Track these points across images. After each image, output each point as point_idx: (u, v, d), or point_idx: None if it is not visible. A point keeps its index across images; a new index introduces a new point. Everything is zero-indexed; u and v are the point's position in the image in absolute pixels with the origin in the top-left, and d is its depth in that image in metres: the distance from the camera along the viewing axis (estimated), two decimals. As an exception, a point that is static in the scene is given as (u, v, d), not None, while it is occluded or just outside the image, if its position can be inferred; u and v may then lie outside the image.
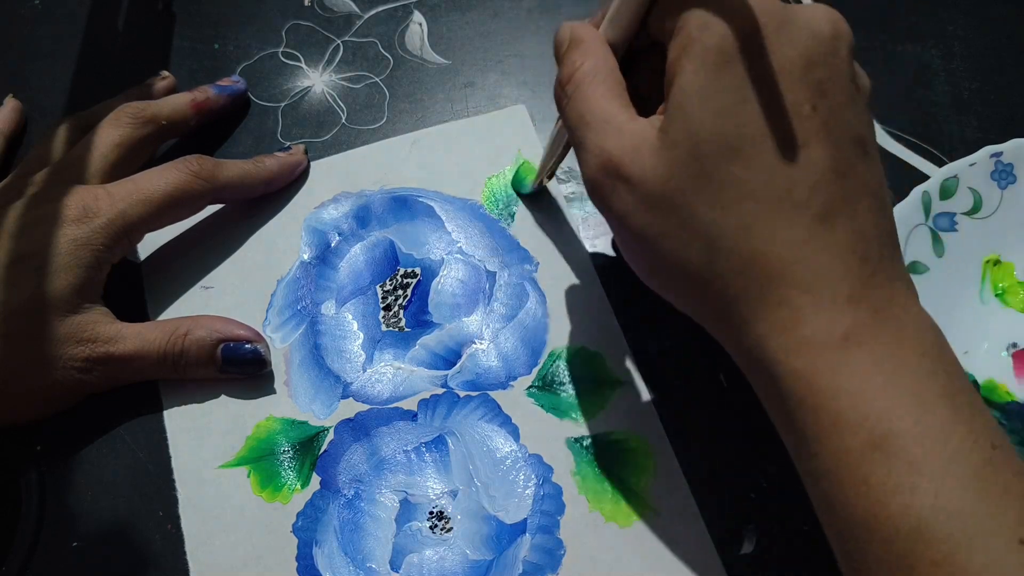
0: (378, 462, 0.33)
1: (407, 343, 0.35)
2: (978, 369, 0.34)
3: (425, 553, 0.31)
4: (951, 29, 0.43)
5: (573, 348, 0.35)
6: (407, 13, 0.45)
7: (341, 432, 0.33)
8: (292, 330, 0.35)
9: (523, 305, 0.36)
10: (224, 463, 0.33)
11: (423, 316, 0.36)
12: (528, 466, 0.33)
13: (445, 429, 0.33)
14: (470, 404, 0.34)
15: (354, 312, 0.36)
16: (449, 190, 0.39)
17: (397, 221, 0.38)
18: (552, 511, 0.32)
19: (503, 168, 0.39)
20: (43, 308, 0.31)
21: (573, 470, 0.32)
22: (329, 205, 0.38)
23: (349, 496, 0.32)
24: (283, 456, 0.33)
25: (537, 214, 0.38)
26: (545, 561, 0.31)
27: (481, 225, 0.38)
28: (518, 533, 0.31)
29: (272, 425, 0.33)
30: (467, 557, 0.31)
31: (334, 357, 0.35)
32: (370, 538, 0.31)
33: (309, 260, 0.37)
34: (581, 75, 0.27)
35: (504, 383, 0.34)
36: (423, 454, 0.33)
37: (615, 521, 0.31)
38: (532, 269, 0.37)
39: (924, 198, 0.35)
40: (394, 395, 0.34)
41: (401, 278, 0.37)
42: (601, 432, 0.33)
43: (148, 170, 0.34)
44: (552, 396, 0.34)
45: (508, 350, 0.35)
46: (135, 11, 0.45)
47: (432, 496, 0.32)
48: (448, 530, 0.31)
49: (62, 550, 0.31)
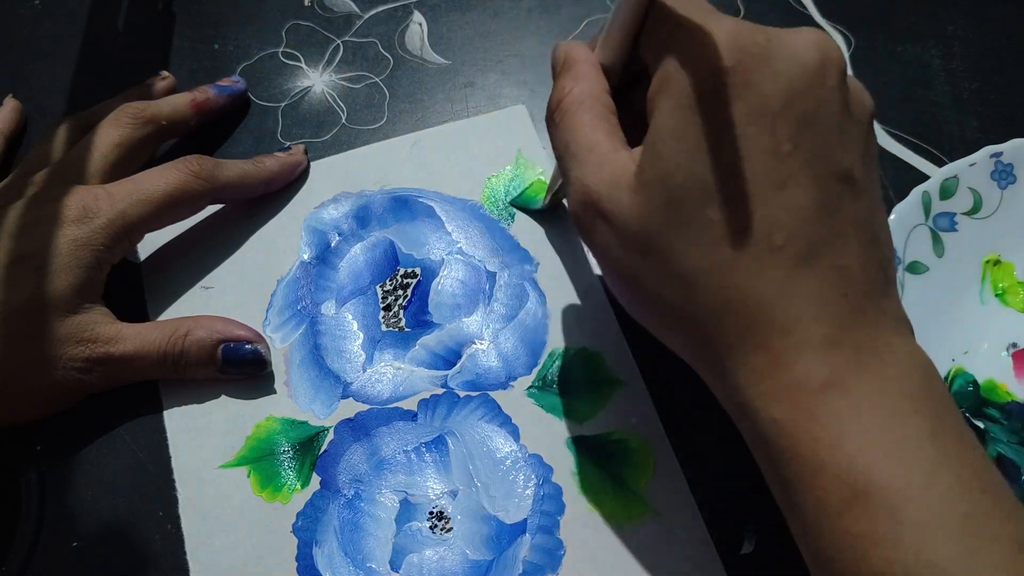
0: (378, 462, 0.33)
1: (407, 343, 0.35)
2: (978, 369, 0.34)
3: (425, 553, 0.31)
4: (951, 29, 0.43)
5: (573, 348, 0.35)
6: (407, 13, 0.45)
7: (341, 432, 0.33)
8: (292, 330, 0.35)
9: (523, 305, 0.36)
10: (224, 463, 0.33)
11: (423, 316, 0.36)
12: (528, 466, 0.33)
13: (445, 429, 0.33)
14: (470, 404, 0.34)
15: (354, 312, 0.36)
16: (449, 190, 0.39)
17: (397, 221, 0.38)
18: (552, 511, 0.32)
19: (503, 168, 0.39)
20: (43, 308, 0.31)
21: (573, 470, 0.32)
22: (329, 205, 0.38)
23: (349, 496, 0.32)
24: (283, 456, 0.33)
25: (537, 215, 0.38)
26: (545, 561, 0.31)
27: (481, 225, 0.38)
28: (518, 533, 0.31)
29: (272, 425, 0.33)
30: (467, 557, 0.31)
31: (334, 357, 0.35)
32: (370, 538, 0.31)
33: (309, 260, 0.37)
34: (569, 101, 0.27)
35: (504, 383, 0.34)
36: (423, 454, 0.33)
37: (615, 521, 0.31)
38: (532, 269, 0.37)
39: (924, 198, 0.35)
40: (394, 395, 0.34)
41: (401, 278, 0.37)
42: (601, 432, 0.33)
43: (148, 170, 0.34)
44: (552, 396, 0.34)
45: (508, 350, 0.35)
46: (135, 11, 0.45)
47: (432, 496, 0.32)
48: (448, 530, 0.31)
49: (62, 550, 0.31)
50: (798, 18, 0.44)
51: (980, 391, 0.34)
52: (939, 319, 0.34)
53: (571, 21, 0.44)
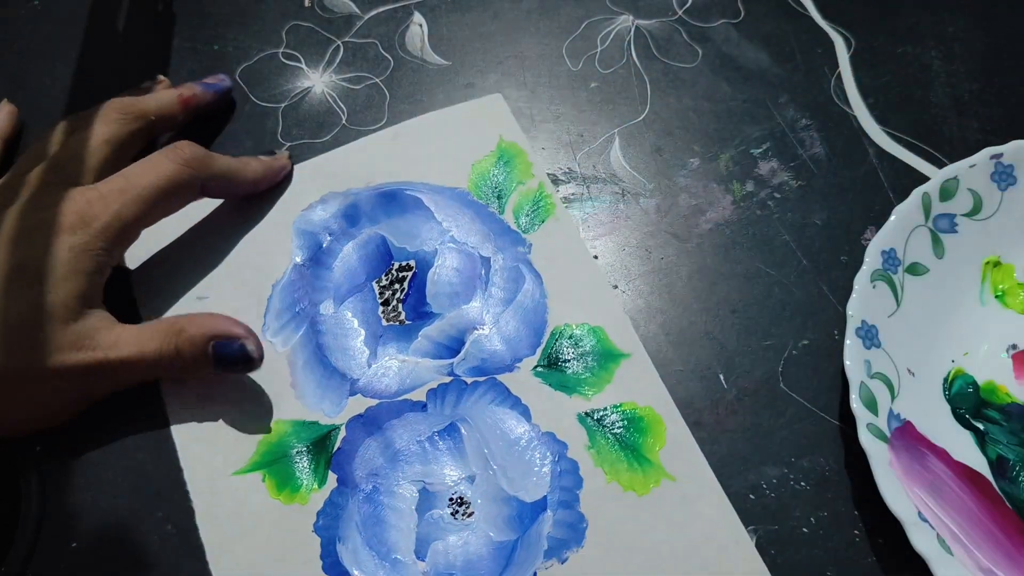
0: (393, 454, 0.33)
1: (409, 336, 0.35)
2: (978, 370, 0.34)
3: (449, 539, 0.31)
4: (951, 30, 0.43)
5: (575, 325, 0.35)
6: (407, 14, 0.45)
7: (353, 428, 0.33)
8: (292, 332, 0.35)
9: (520, 287, 0.36)
10: (238, 470, 0.33)
11: (422, 307, 0.36)
12: (543, 444, 0.33)
13: (456, 416, 0.33)
14: (479, 389, 0.34)
15: (353, 310, 0.36)
16: (435, 180, 0.39)
17: (387, 216, 0.38)
18: (571, 486, 0.32)
19: (486, 152, 0.39)
20: (44, 318, 0.30)
21: (587, 444, 0.33)
22: (317, 206, 0.38)
23: (367, 491, 0.32)
24: (297, 457, 0.33)
25: (526, 201, 0.38)
26: (569, 535, 0.31)
27: (471, 212, 0.38)
28: (539, 511, 0.32)
29: (282, 428, 0.33)
30: (491, 539, 0.31)
31: (338, 355, 0.35)
32: (393, 530, 0.31)
33: (302, 262, 0.37)
34: None
35: (510, 366, 0.34)
36: (437, 443, 0.33)
37: (633, 490, 0.32)
38: (525, 251, 0.37)
39: (924, 199, 0.35)
40: (402, 388, 0.34)
41: (396, 272, 0.37)
42: (611, 404, 0.33)
43: (138, 162, 0.34)
44: (559, 374, 0.34)
45: (511, 333, 0.35)
46: (135, 11, 0.45)
47: (450, 483, 0.32)
48: (469, 515, 0.32)
49: (62, 550, 0.31)
50: (798, 18, 0.44)
51: (980, 393, 0.34)
52: (939, 320, 0.34)
53: (570, 22, 0.44)
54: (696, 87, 0.42)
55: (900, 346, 0.33)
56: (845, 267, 0.37)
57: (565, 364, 0.34)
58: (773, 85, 0.42)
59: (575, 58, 0.43)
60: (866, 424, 0.30)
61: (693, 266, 0.37)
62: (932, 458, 0.31)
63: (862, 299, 0.32)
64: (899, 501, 0.29)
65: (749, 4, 0.45)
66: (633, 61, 0.43)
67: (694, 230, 0.38)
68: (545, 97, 0.42)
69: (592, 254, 0.37)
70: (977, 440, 0.33)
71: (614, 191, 0.39)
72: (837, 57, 0.43)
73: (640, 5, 0.45)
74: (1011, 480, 0.32)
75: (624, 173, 0.39)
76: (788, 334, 0.35)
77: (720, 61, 0.43)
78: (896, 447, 0.30)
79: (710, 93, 0.42)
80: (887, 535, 0.31)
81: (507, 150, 0.39)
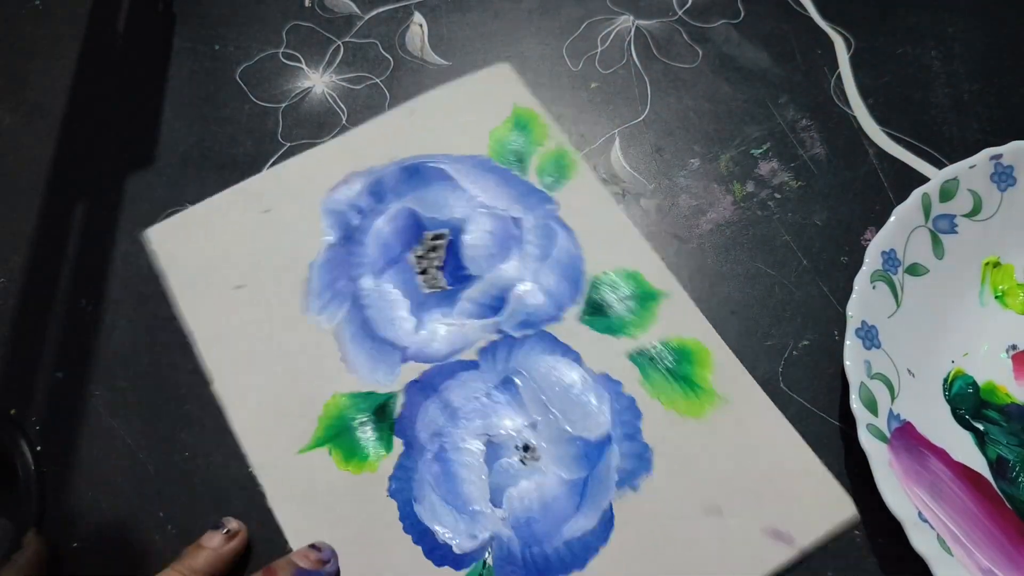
0: (452, 413, 0.33)
1: (452, 300, 0.36)
2: (978, 371, 0.34)
3: (522, 484, 0.32)
4: (951, 30, 0.43)
5: (611, 271, 0.36)
6: (407, 14, 0.45)
7: (411, 393, 0.34)
8: (336, 309, 0.36)
9: (554, 242, 0.37)
10: (302, 448, 0.33)
11: (461, 272, 0.37)
12: (598, 385, 0.34)
13: (510, 370, 0.34)
14: (528, 342, 0.35)
15: (394, 281, 0.37)
16: (455, 150, 0.40)
17: (412, 190, 0.39)
18: (631, 419, 0.33)
19: (502, 119, 0.40)
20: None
21: (640, 379, 0.34)
22: (342, 187, 0.39)
23: (435, 450, 0.33)
24: (360, 428, 0.33)
25: (547, 162, 0.39)
26: (637, 465, 0.32)
27: (496, 177, 0.39)
28: (605, 446, 0.32)
29: (340, 401, 0.34)
30: (562, 479, 0.32)
31: (385, 326, 0.36)
32: (466, 483, 0.32)
33: (336, 242, 0.38)
34: None
35: (556, 316, 0.35)
36: (495, 396, 0.34)
37: (690, 415, 0.33)
38: (554, 208, 0.38)
39: (924, 200, 0.35)
40: (452, 350, 0.35)
41: (430, 241, 0.37)
42: (657, 340, 0.35)
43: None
44: (604, 319, 0.35)
45: (551, 285, 0.36)
46: (135, 11, 0.45)
47: (513, 432, 0.33)
48: (537, 459, 0.32)
49: (62, 550, 0.31)
50: (798, 18, 0.44)
51: (980, 393, 0.34)
52: (939, 321, 0.34)
53: (571, 22, 0.44)
54: (696, 87, 0.42)
55: (900, 347, 0.33)
56: (845, 267, 0.37)
57: (608, 308, 0.36)
58: (773, 85, 0.42)
59: (575, 58, 0.43)
60: (866, 424, 0.30)
61: (693, 266, 0.37)
62: (932, 458, 0.31)
63: (862, 299, 0.32)
64: (899, 501, 0.29)
65: (749, 4, 0.45)
66: (633, 61, 0.43)
67: (695, 230, 0.38)
68: (545, 97, 0.42)
69: (619, 204, 0.38)
70: (977, 440, 0.33)
71: (615, 191, 0.39)
72: (837, 57, 0.43)
73: (640, 5, 0.45)
74: (1011, 480, 0.32)
75: (624, 173, 0.39)
76: (788, 334, 0.35)
77: (720, 61, 0.43)
78: (896, 447, 0.30)
79: (710, 93, 0.42)
80: (887, 535, 0.31)
81: (522, 115, 0.40)
